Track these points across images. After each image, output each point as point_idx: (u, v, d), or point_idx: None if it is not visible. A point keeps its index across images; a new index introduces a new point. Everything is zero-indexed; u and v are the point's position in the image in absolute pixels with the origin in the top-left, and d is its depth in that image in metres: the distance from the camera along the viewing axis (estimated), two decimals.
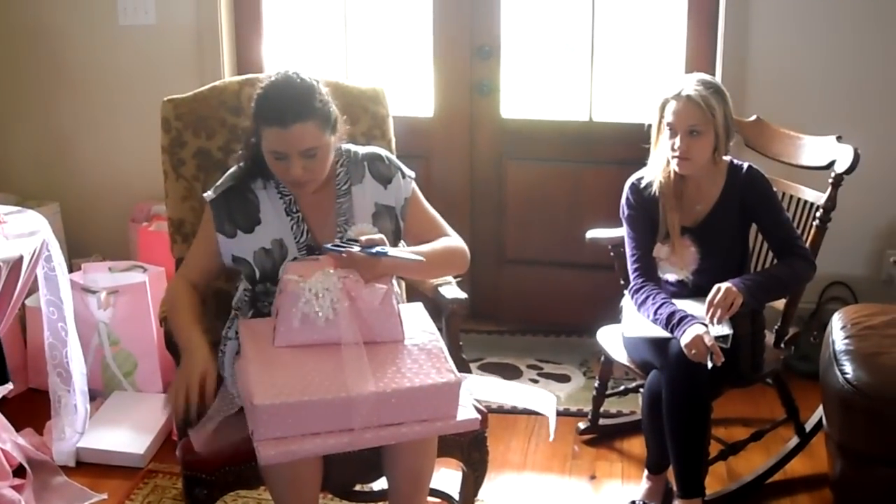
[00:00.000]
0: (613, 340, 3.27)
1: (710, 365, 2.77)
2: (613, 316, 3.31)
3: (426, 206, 2.78)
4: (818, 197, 3.18)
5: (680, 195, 3.06)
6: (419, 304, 2.72)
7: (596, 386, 3.56)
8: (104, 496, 3.22)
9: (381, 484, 2.79)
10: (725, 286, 2.87)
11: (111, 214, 4.53)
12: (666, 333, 2.91)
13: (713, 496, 3.13)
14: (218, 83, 3.11)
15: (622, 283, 3.29)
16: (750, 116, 3.48)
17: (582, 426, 3.63)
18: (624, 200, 3.14)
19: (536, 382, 4.00)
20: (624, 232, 3.17)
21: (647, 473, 3.19)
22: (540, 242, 4.44)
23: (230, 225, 2.63)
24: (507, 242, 4.48)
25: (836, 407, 2.88)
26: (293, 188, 2.61)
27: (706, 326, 2.83)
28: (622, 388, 3.70)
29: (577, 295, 4.40)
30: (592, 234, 3.43)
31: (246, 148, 2.67)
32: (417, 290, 2.93)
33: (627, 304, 3.17)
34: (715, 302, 2.86)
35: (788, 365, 3.79)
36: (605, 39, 4.23)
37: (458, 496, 2.92)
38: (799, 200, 3.27)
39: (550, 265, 4.45)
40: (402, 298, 2.93)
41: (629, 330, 3.11)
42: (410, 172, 2.77)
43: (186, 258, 2.75)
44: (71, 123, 4.56)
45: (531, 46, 4.41)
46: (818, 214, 3.15)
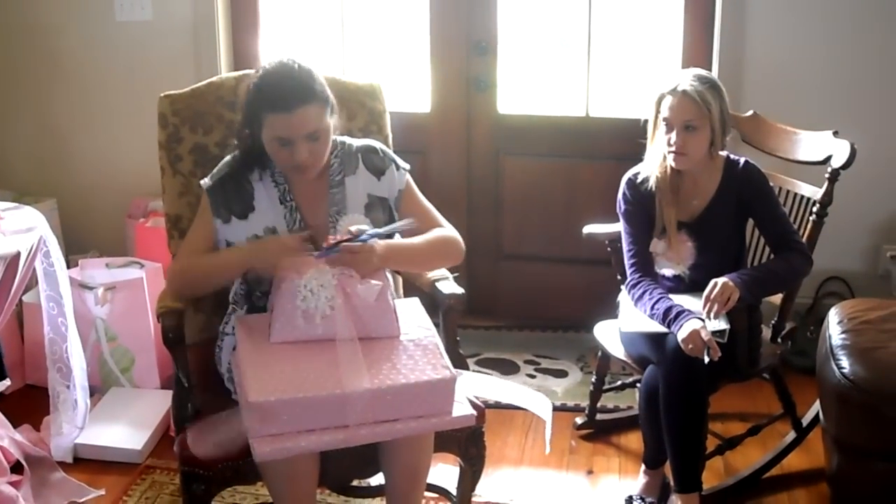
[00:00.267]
0: (610, 335, 3.27)
1: (706, 360, 2.78)
2: (610, 311, 3.31)
3: (420, 198, 2.79)
4: (815, 192, 3.18)
5: (676, 190, 3.07)
6: (415, 299, 2.72)
7: (593, 381, 3.56)
8: (102, 492, 3.22)
9: (378, 479, 2.80)
10: (722, 281, 2.87)
11: (108, 210, 4.53)
12: (663, 328, 2.91)
13: (710, 491, 3.14)
14: (214, 79, 3.11)
15: (619, 278, 3.30)
16: (746, 111, 3.48)
17: (579, 421, 3.64)
18: (620, 196, 3.14)
19: (534, 378, 4.01)
20: (621, 227, 3.17)
21: (644, 468, 3.20)
22: (537, 238, 4.44)
23: (226, 211, 2.65)
24: (504, 238, 4.48)
25: (832, 401, 2.89)
26: (295, 174, 2.62)
27: (703, 321, 2.83)
28: (619, 383, 3.71)
29: (574, 290, 4.40)
30: (589, 229, 3.43)
31: (240, 139, 2.69)
32: (414, 285, 2.93)
33: (624, 299, 3.17)
34: (712, 297, 2.86)
35: (785, 360, 3.80)
36: (601, 35, 4.23)
37: (455, 491, 2.92)
38: (795, 195, 3.27)
39: (547, 260, 4.46)
40: (398, 294, 2.94)
41: (626, 325, 3.11)
42: (405, 165, 2.78)
43: (183, 246, 2.76)
44: (68, 119, 4.55)
45: (528, 42, 4.41)
46: (815, 209, 3.15)
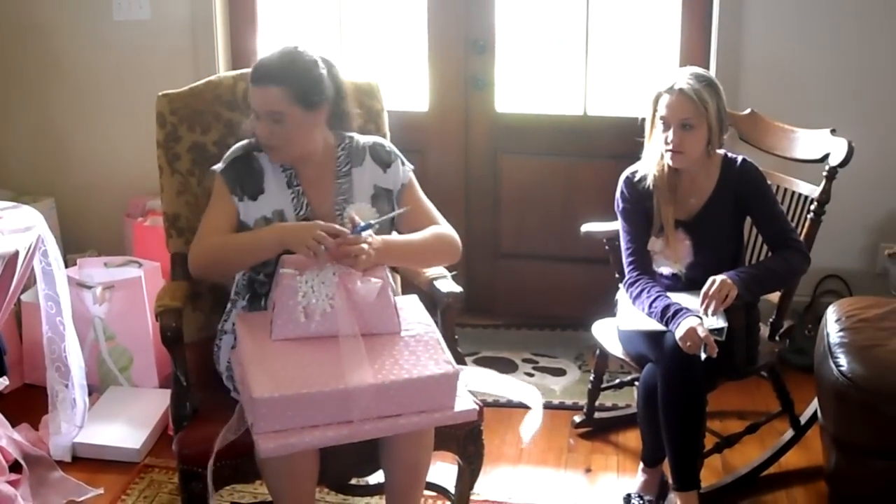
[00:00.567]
0: (608, 334, 3.27)
1: (703, 356, 2.78)
2: (608, 309, 3.31)
3: (421, 195, 2.82)
4: (812, 190, 3.18)
5: (674, 188, 3.07)
6: (414, 296, 2.73)
7: (591, 379, 3.56)
8: (100, 491, 3.22)
9: (376, 478, 2.80)
10: (720, 278, 2.87)
11: (106, 210, 4.53)
12: (661, 326, 2.92)
13: (708, 489, 3.14)
14: (213, 78, 3.12)
15: (617, 276, 3.30)
16: (744, 110, 3.48)
17: (577, 419, 3.64)
18: (618, 194, 3.14)
19: (532, 376, 4.01)
20: (619, 225, 3.17)
21: (642, 466, 3.20)
22: (535, 236, 4.44)
23: (240, 191, 2.69)
24: (502, 236, 4.49)
25: (830, 399, 2.89)
26: (269, 154, 2.67)
27: (700, 319, 2.84)
28: (617, 381, 3.71)
29: (572, 289, 4.41)
30: (587, 227, 3.44)
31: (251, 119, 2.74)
32: (412, 283, 2.93)
33: (622, 297, 3.17)
34: (710, 294, 2.86)
35: (783, 358, 3.81)
36: (599, 33, 4.23)
37: (453, 490, 2.92)
38: (793, 193, 3.27)
39: (545, 259, 4.46)
40: (397, 291, 2.94)
41: (624, 323, 3.11)
42: (410, 164, 2.82)
43: (202, 228, 2.72)
44: (66, 119, 4.55)
45: (526, 40, 4.41)
46: (812, 207, 3.16)
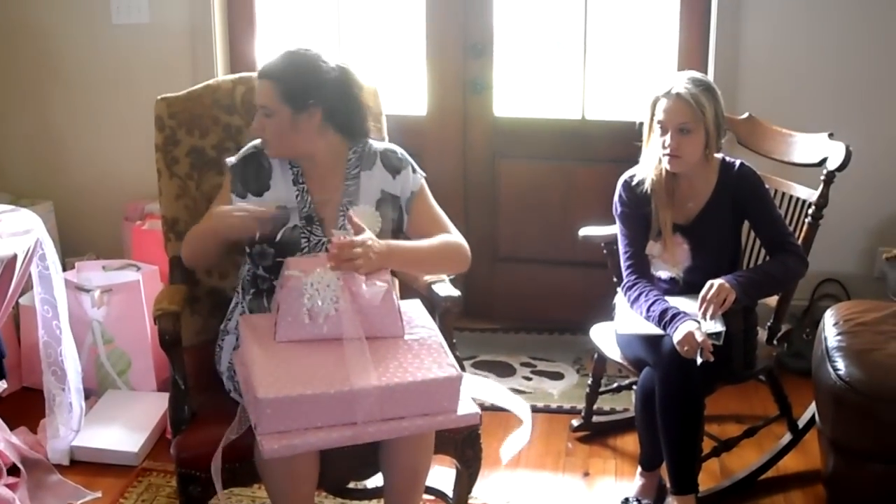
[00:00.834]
0: (607, 338, 3.27)
1: (699, 361, 2.78)
2: (607, 313, 3.31)
3: (432, 203, 2.82)
4: (810, 194, 3.18)
5: (672, 193, 3.07)
6: (416, 300, 2.73)
7: (589, 383, 3.56)
8: (98, 494, 3.22)
9: (374, 481, 2.80)
10: (718, 282, 2.87)
11: (105, 213, 4.53)
12: (659, 330, 2.92)
13: (706, 493, 3.14)
14: (211, 82, 3.12)
15: (615, 280, 3.30)
16: (742, 114, 3.48)
17: (575, 423, 3.64)
18: (616, 198, 3.14)
19: (530, 380, 4.01)
20: (617, 229, 3.18)
21: (640, 470, 3.20)
22: (533, 240, 4.45)
23: (243, 187, 2.73)
24: (500, 240, 4.49)
25: (828, 403, 2.90)
26: (265, 147, 2.72)
27: (698, 323, 2.84)
28: (615, 385, 3.72)
29: (570, 292, 4.41)
30: (585, 231, 3.44)
31: None
32: (411, 287, 2.93)
33: (620, 301, 3.18)
34: (708, 297, 2.86)
35: (781, 362, 3.81)
36: (597, 37, 4.23)
37: (451, 493, 2.92)
38: (791, 197, 3.28)
39: (544, 263, 4.46)
40: (397, 296, 2.94)
41: (622, 327, 3.11)
42: (422, 172, 2.82)
43: (201, 221, 2.81)
44: (64, 122, 4.55)
45: (524, 44, 4.41)
46: (810, 211, 3.16)
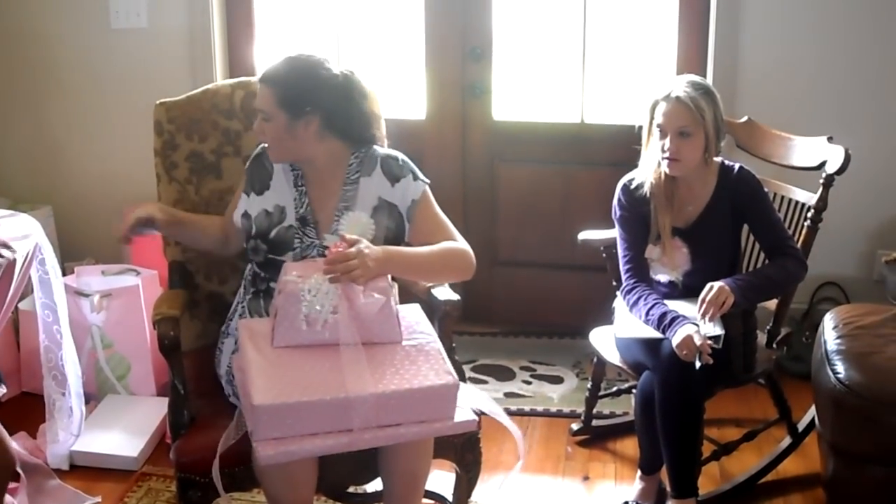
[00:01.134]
0: (606, 341, 3.27)
1: (698, 364, 2.78)
2: (606, 317, 3.31)
3: (436, 211, 2.80)
4: (809, 197, 3.19)
5: (671, 196, 3.07)
6: (416, 305, 2.73)
7: (589, 387, 3.56)
8: (98, 499, 3.22)
9: (374, 486, 2.80)
10: (718, 285, 2.87)
11: (104, 217, 4.52)
12: (658, 334, 2.92)
13: (706, 496, 3.14)
14: (210, 86, 3.12)
15: (614, 284, 3.30)
16: (741, 117, 3.49)
17: (575, 427, 3.64)
18: (616, 201, 3.14)
19: (529, 384, 4.01)
20: (616, 233, 3.18)
21: (640, 474, 3.20)
22: (532, 244, 4.45)
23: (250, 186, 2.79)
24: (499, 244, 4.49)
25: (828, 407, 2.89)
26: (267, 153, 2.76)
27: (697, 326, 2.84)
28: (615, 389, 3.71)
29: (569, 296, 4.41)
30: (585, 235, 3.44)
31: None
32: (410, 292, 2.93)
33: (620, 305, 3.18)
34: (707, 299, 2.86)
35: (781, 365, 3.81)
36: (596, 41, 4.23)
37: (451, 498, 2.92)
38: (790, 201, 3.28)
39: (543, 267, 4.46)
40: (396, 300, 2.94)
41: (621, 331, 3.11)
42: (425, 179, 2.81)
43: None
44: (63, 127, 4.55)
45: (523, 48, 4.41)
46: (809, 215, 3.16)
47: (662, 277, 3.10)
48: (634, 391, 3.17)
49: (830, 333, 3.03)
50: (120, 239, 2.78)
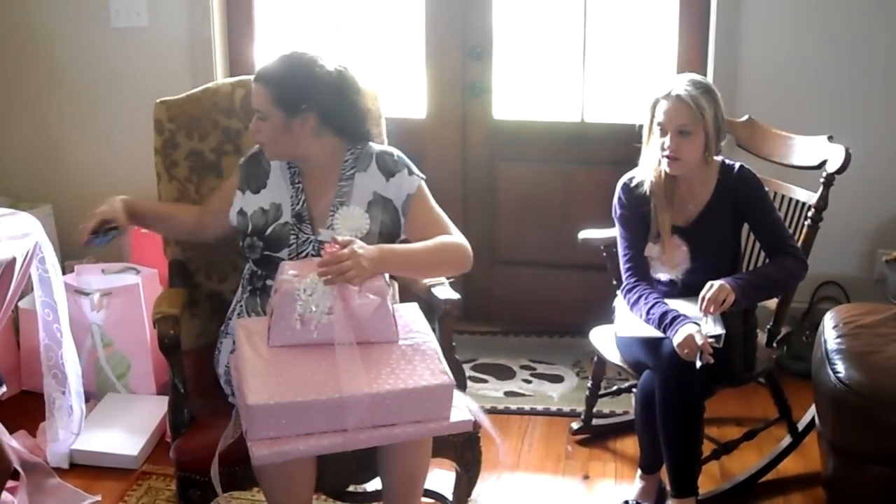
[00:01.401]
0: (606, 340, 3.27)
1: (699, 364, 2.77)
2: (606, 316, 3.31)
3: (432, 205, 2.81)
4: (810, 196, 3.18)
5: (671, 195, 3.07)
6: (414, 304, 2.72)
7: (589, 386, 3.56)
8: (98, 498, 3.22)
9: (374, 485, 2.80)
10: (718, 283, 2.87)
11: None
12: (659, 333, 2.91)
13: (706, 495, 3.14)
14: (210, 85, 3.12)
15: (615, 283, 3.30)
16: (741, 116, 3.48)
17: (575, 426, 3.64)
18: (616, 200, 3.14)
19: (530, 383, 4.01)
20: (616, 232, 3.17)
21: (640, 473, 3.20)
22: (532, 243, 4.45)
23: (245, 184, 2.79)
24: (499, 243, 4.49)
25: (828, 406, 2.89)
26: (263, 149, 2.77)
27: (698, 326, 2.83)
28: (615, 388, 3.71)
29: (569, 295, 4.41)
30: (585, 234, 3.44)
31: None
32: (410, 290, 2.93)
33: (620, 304, 3.17)
34: (708, 297, 2.85)
35: (781, 364, 3.81)
36: (596, 40, 4.23)
37: (451, 497, 2.92)
38: (791, 200, 3.28)
39: (543, 266, 4.46)
40: (395, 299, 2.94)
41: (622, 330, 3.11)
42: (420, 174, 2.81)
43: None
44: (63, 125, 4.55)
45: (523, 47, 4.41)
46: (810, 214, 3.16)
47: (662, 276, 3.10)
48: (635, 390, 3.17)
49: (831, 333, 3.03)
50: (82, 243, 2.75)
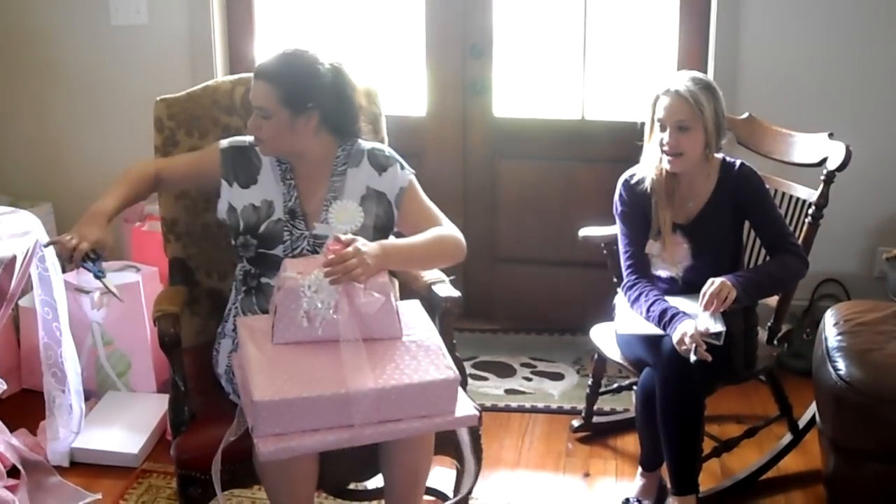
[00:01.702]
0: (607, 338, 3.27)
1: (692, 358, 2.76)
2: (607, 314, 3.31)
3: (423, 198, 2.82)
4: (810, 194, 3.18)
5: (672, 192, 3.07)
6: (416, 301, 2.72)
7: (589, 384, 3.56)
8: (98, 496, 3.21)
9: (375, 482, 2.80)
10: (720, 280, 2.87)
11: None
12: (659, 331, 2.92)
13: (707, 493, 3.14)
14: (211, 82, 3.12)
15: (615, 280, 3.30)
16: (742, 114, 3.48)
17: (576, 424, 3.64)
18: (617, 197, 3.14)
19: (530, 381, 4.01)
20: (617, 230, 3.17)
21: (640, 471, 3.20)
22: (533, 241, 4.44)
23: (233, 176, 2.77)
24: (500, 241, 4.48)
25: (829, 403, 2.89)
26: (258, 146, 2.74)
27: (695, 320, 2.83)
28: (615, 385, 3.71)
29: (570, 293, 4.41)
30: (585, 232, 3.44)
31: None
32: (411, 288, 2.93)
33: (620, 301, 3.17)
34: (709, 293, 2.85)
35: (781, 362, 3.80)
36: (597, 38, 4.23)
37: (452, 494, 2.92)
38: (791, 197, 3.28)
39: (544, 263, 4.46)
40: (397, 296, 2.94)
41: (622, 327, 3.11)
42: (411, 169, 2.83)
43: (168, 158, 2.93)
44: (63, 123, 4.55)
45: (523, 45, 4.40)
46: (810, 211, 3.16)
47: (663, 273, 3.10)
48: (635, 388, 3.16)
49: (831, 330, 3.03)
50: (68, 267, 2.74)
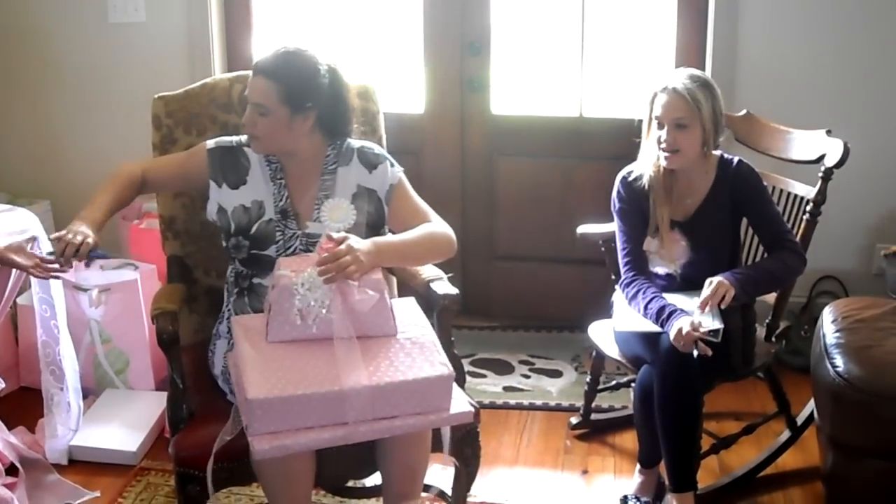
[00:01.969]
0: (605, 335, 3.27)
1: (696, 353, 2.77)
2: (605, 311, 3.31)
3: (412, 195, 2.83)
4: (808, 191, 3.18)
5: (670, 189, 3.07)
6: (411, 298, 2.72)
7: (587, 381, 3.56)
8: (97, 494, 3.22)
9: (373, 480, 2.80)
10: (717, 280, 2.87)
11: None
12: (657, 328, 2.92)
13: (705, 490, 3.14)
14: (209, 80, 3.12)
15: (613, 278, 3.30)
16: (740, 111, 3.48)
17: (574, 421, 3.64)
18: (615, 194, 3.14)
19: (528, 378, 4.01)
20: (615, 227, 3.17)
21: (639, 468, 3.20)
22: (531, 238, 4.44)
23: (221, 176, 2.76)
24: (498, 238, 4.49)
25: (827, 400, 2.89)
26: (251, 142, 2.73)
27: (692, 316, 2.83)
28: (614, 382, 3.71)
29: (568, 290, 4.41)
30: (583, 229, 3.44)
31: None
32: (409, 286, 2.93)
33: (619, 298, 3.17)
34: (707, 295, 2.84)
35: (780, 359, 3.81)
36: (594, 35, 4.23)
37: (450, 492, 2.92)
38: (789, 194, 3.28)
39: (542, 261, 4.46)
40: (393, 294, 2.94)
41: (620, 324, 3.11)
42: (399, 167, 2.83)
43: (154, 160, 2.93)
44: (61, 121, 4.55)
45: (521, 42, 4.40)
46: (808, 208, 3.16)
47: (660, 270, 3.10)
48: (633, 385, 3.17)
49: (829, 327, 3.03)
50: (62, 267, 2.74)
